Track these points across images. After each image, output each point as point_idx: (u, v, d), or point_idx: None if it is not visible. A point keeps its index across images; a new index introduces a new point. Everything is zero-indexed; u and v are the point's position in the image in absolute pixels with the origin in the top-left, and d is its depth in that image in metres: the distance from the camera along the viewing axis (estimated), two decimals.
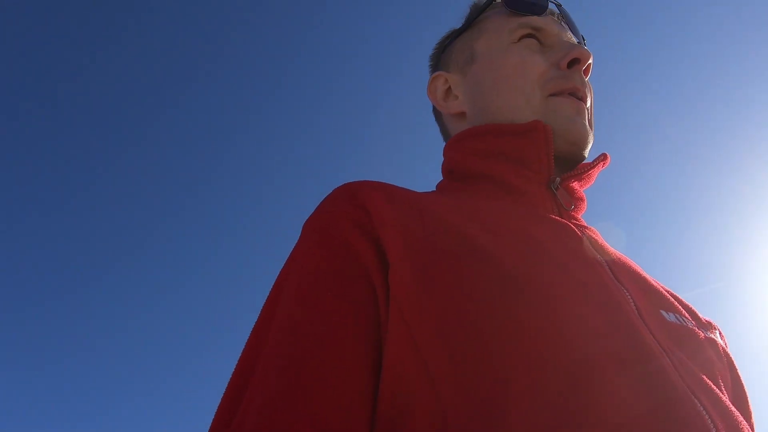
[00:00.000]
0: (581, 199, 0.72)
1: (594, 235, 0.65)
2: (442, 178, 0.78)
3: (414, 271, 0.49)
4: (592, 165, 0.71)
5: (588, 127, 0.72)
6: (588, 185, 0.74)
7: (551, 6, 0.81)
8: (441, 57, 0.87)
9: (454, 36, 0.86)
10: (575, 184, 0.71)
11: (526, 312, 0.47)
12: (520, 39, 0.76)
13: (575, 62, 0.72)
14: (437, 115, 0.87)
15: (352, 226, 0.54)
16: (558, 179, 0.69)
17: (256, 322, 0.54)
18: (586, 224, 0.70)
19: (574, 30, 0.81)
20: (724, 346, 0.64)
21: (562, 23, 0.80)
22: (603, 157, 0.73)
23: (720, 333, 0.68)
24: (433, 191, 0.72)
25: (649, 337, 0.49)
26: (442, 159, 0.80)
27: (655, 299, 0.59)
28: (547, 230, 0.59)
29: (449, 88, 0.82)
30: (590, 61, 0.73)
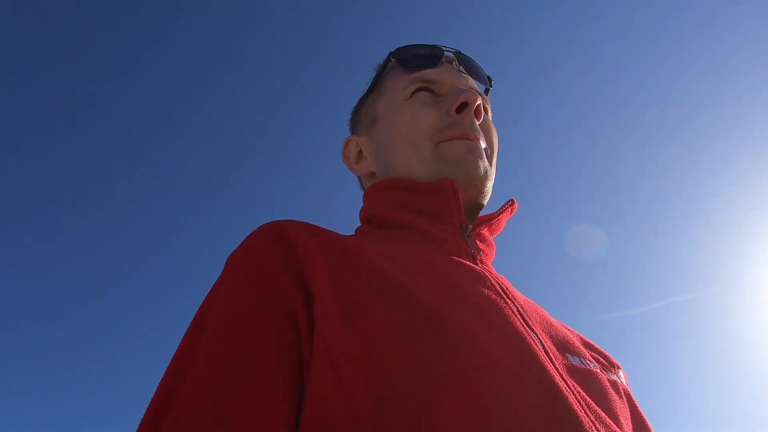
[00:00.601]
0: (490, 246, 0.75)
1: (504, 282, 0.67)
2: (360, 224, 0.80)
3: (340, 309, 0.51)
4: (500, 212, 0.74)
5: (482, 163, 0.73)
6: (498, 232, 0.77)
7: (449, 54, 0.82)
8: (353, 122, 0.91)
9: (362, 100, 0.89)
10: (485, 231, 0.73)
11: (446, 353, 0.49)
12: (412, 94, 0.78)
13: (463, 107, 0.74)
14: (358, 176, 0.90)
15: (277, 262, 0.55)
16: (470, 227, 0.71)
17: (178, 349, 0.55)
18: (496, 271, 0.72)
19: (475, 74, 0.83)
20: (625, 385, 0.68)
21: (461, 69, 0.82)
22: (510, 203, 0.76)
23: (623, 373, 0.72)
24: (352, 235, 0.74)
25: (557, 377, 0.52)
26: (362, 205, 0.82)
27: (561, 344, 0.62)
28: (463, 276, 0.62)
29: (360, 150, 0.85)
30: (479, 103, 0.74)
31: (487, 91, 0.88)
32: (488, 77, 0.86)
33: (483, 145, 0.75)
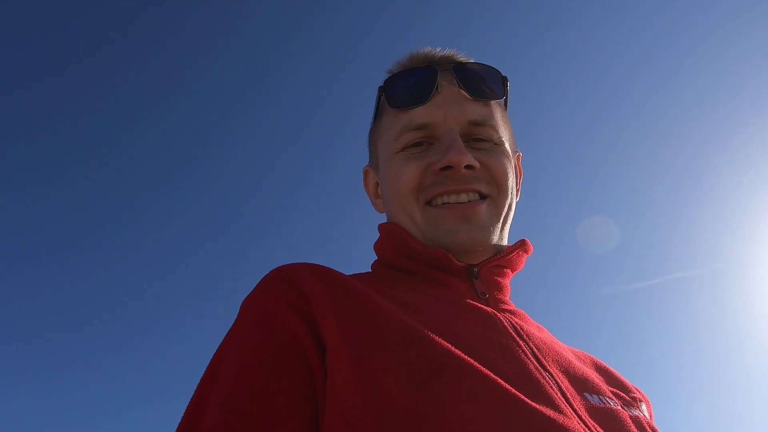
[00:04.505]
0: (504, 284, 0.73)
1: (520, 320, 0.67)
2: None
3: (350, 357, 0.52)
4: (508, 252, 0.71)
5: (479, 226, 0.69)
6: (516, 269, 0.74)
7: (446, 72, 0.74)
8: (369, 148, 0.86)
9: (372, 125, 0.84)
10: (496, 271, 0.72)
11: (454, 400, 0.50)
12: (402, 149, 0.73)
13: (447, 169, 0.70)
14: None
15: (289, 309, 0.57)
16: (476, 269, 0.70)
17: (193, 396, 0.56)
18: (513, 309, 0.72)
19: (479, 89, 0.74)
20: (649, 419, 0.66)
21: (460, 84, 0.74)
22: (521, 244, 0.73)
23: (647, 404, 0.71)
24: (368, 273, 0.75)
25: (573, 420, 0.53)
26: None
27: (580, 382, 0.61)
28: (472, 321, 0.62)
29: (377, 183, 0.84)
30: (466, 163, 0.69)
31: (506, 101, 0.80)
32: (503, 78, 0.77)
33: (484, 189, 0.71)
